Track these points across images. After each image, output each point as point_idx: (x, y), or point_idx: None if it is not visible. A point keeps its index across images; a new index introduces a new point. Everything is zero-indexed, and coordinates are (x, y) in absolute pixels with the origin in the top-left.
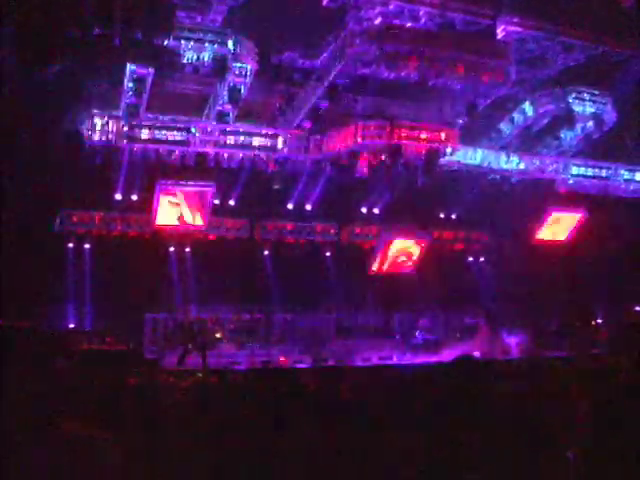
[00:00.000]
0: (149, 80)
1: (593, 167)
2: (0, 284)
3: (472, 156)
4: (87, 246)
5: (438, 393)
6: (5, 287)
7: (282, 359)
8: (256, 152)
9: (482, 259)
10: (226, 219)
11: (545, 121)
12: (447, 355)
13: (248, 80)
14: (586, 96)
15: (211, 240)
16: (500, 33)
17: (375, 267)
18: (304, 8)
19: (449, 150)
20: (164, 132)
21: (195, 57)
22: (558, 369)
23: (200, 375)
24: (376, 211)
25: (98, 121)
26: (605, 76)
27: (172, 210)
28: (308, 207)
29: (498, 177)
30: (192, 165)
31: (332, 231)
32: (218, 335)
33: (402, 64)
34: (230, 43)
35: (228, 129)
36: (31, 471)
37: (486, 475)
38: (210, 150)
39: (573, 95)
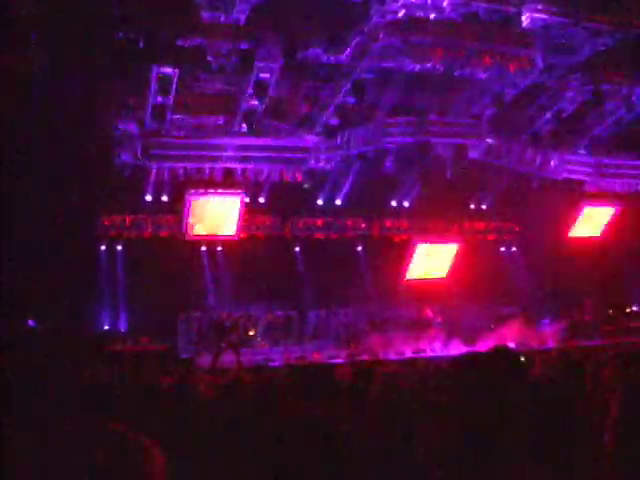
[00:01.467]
0: (174, 80)
1: (623, 167)
2: (35, 288)
3: (499, 151)
4: (119, 248)
5: (473, 384)
6: (39, 290)
7: (316, 355)
8: (283, 166)
9: (514, 249)
10: (256, 217)
11: (574, 106)
12: (481, 346)
13: (274, 75)
14: (615, 79)
15: (242, 238)
16: (525, 21)
17: (409, 275)
18: (327, 3)
19: (478, 145)
20: (192, 151)
21: (220, 54)
22: (593, 357)
23: (235, 373)
24: (406, 204)
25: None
26: (635, 59)
27: (203, 220)
28: (338, 202)
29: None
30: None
31: (362, 225)
32: (251, 333)
33: (427, 56)
34: (255, 40)
35: (255, 144)
36: (73, 472)
37: (520, 464)
38: (237, 166)
39: (602, 78)
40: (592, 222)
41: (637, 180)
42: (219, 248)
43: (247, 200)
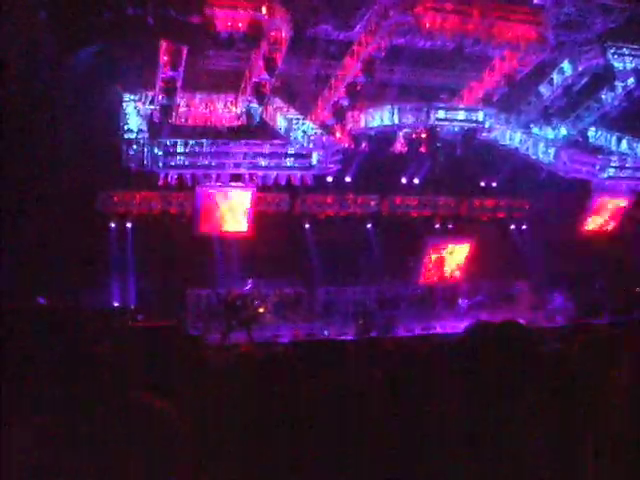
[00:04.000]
0: (184, 53)
1: (630, 168)
2: (44, 265)
3: (510, 137)
4: (129, 225)
5: (482, 355)
6: (49, 267)
7: (325, 332)
8: (291, 172)
9: (524, 227)
10: (266, 193)
11: (584, 80)
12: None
13: (283, 48)
14: (626, 51)
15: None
16: None
17: (422, 278)
18: None
19: (486, 129)
20: (199, 158)
21: (229, 23)
22: (602, 335)
23: (245, 349)
24: (416, 181)
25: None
26: None
27: (213, 217)
28: (348, 179)
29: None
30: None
31: (372, 203)
32: (261, 310)
33: (438, 33)
34: (264, 9)
35: (263, 151)
36: (98, 438)
37: (527, 441)
38: (245, 171)
39: (612, 50)
40: (606, 214)
41: None
42: None
43: None
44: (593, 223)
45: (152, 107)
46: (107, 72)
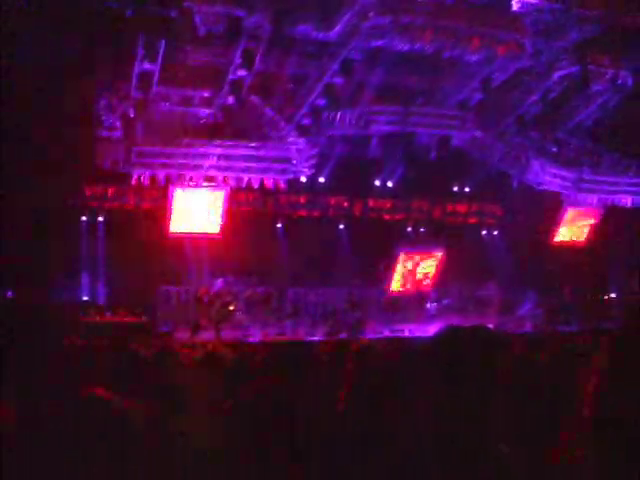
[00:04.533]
0: (162, 47)
1: (602, 182)
2: (15, 258)
3: (484, 144)
4: (100, 219)
5: (451, 360)
6: (19, 261)
7: (295, 334)
8: (264, 175)
9: (496, 232)
10: (239, 192)
11: (560, 88)
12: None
13: (262, 45)
14: (601, 60)
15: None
16: (515, 5)
17: (393, 286)
18: None
19: (461, 135)
20: (173, 159)
21: (208, 18)
22: (569, 342)
23: (214, 347)
24: (390, 184)
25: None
26: (621, 47)
27: (186, 217)
28: (321, 180)
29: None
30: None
31: (345, 204)
32: (231, 308)
33: (417, 36)
34: (243, 5)
35: (237, 153)
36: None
37: (496, 444)
38: (218, 174)
39: (588, 59)
40: (576, 225)
41: (614, 196)
42: None
43: None
44: (563, 235)
45: (127, 102)
46: (83, 64)
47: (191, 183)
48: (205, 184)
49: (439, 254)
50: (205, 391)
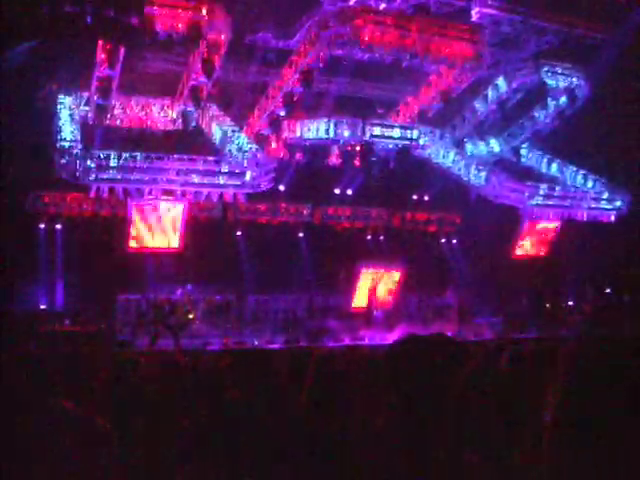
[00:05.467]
0: (122, 52)
1: (559, 197)
2: None
3: (444, 156)
4: (58, 227)
5: (410, 369)
6: None
7: (255, 341)
8: (223, 190)
9: (455, 241)
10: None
11: (518, 97)
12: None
13: (222, 51)
14: (559, 70)
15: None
16: (474, 15)
17: (355, 303)
18: None
19: (420, 146)
20: (132, 173)
21: (168, 23)
22: (526, 350)
23: (173, 355)
24: (349, 192)
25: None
26: (578, 59)
27: (145, 232)
28: (281, 188)
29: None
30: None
31: (305, 212)
32: (190, 316)
33: (376, 46)
34: (204, 10)
35: (195, 167)
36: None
37: (456, 454)
38: (177, 188)
39: (546, 69)
40: (534, 238)
41: (570, 210)
42: None
43: None
44: (522, 248)
45: (87, 108)
46: (42, 70)
47: (149, 197)
48: (164, 198)
49: (399, 272)
50: (164, 399)
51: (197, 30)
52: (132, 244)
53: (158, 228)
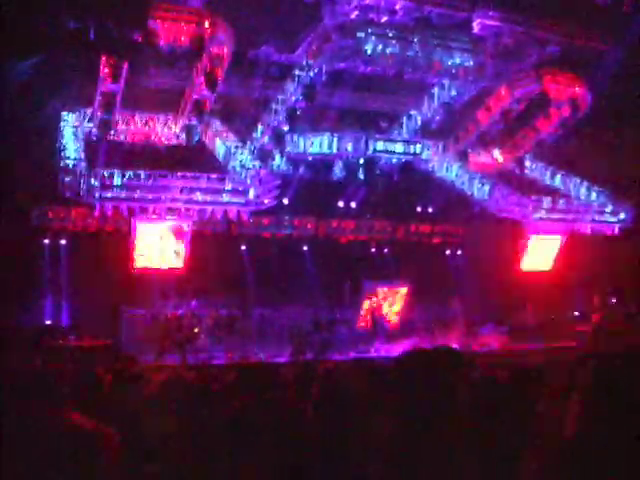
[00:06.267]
0: (125, 67)
1: (563, 211)
2: None
3: (447, 169)
4: (63, 242)
5: (415, 381)
6: None
7: (260, 355)
8: (227, 207)
9: (459, 252)
10: None
11: (521, 107)
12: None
13: (225, 64)
14: (561, 79)
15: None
16: (476, 27)
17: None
18: (281, 1)
19: (424, 160)
20: (136, 192)
21: (172, 37)
22: (533, 361)
23: (178, 370)
24: (353, 205)
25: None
26: (581, 68)
27: (150, 251)
28: (285, 201)
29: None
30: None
31: (309, 225)
32: (196, 330)
33: (379, 58)
34: (207, 23)
35: (199, 186)
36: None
37: (458, 463)
38: (181, 206)
39: (548, 78)
40: (541, 252)
41: (574, 224)
42: None
43: None
44: (528, 263)
45: (90, 125)
46: (45, 86)
47: (153, 216)
48: (168, 217)
49: (405, 289)
50: (170, 414)
51: (200, 44)
52: (137, 264)
53: (162, 248)
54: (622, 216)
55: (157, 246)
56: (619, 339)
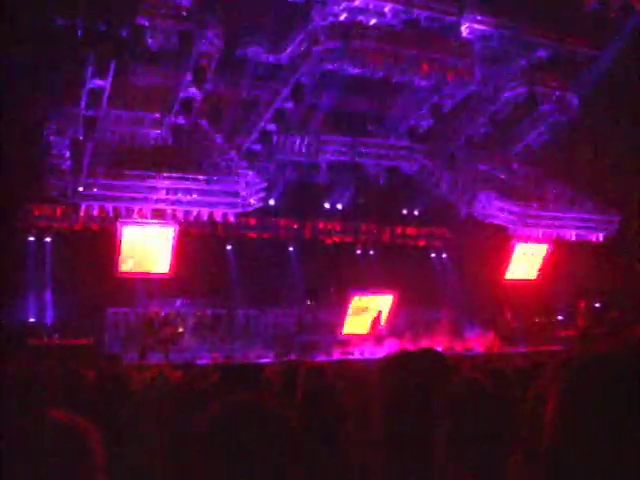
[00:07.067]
0: (113, 64)
1: (547, 218)
2: None
3: (433, 174)
4: (48, 240)
5: (399, 384)
6: None
7: (245, 356)
8: (213, 209)
9: (445, 255)
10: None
11: (508, 110)
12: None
13: (213, 62)
14: (549, 82)
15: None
16: (464, 31)
17: (346, 329)
18: (270, 2)
19: (410, 165)
20: (122, 192)
21: (160, 35)
22: (519, 364)
23: (163, 369)
24: (339, 207)
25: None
26: (568, 72)
27: (135, 255)
28: (271, 202)
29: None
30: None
31: (295, 226)
32: (180, 330)
33: (367, 61)
34: (195, 21)
35: (186, 187)
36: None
37: (442, 465)
38: (167, 207)
39: (536, 81)
40: (526, 260)
41: (559, 230)
42: None
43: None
44: (513, 272)
45: (77, 123)
46: (32, 84)
47: (138, 220)
48: (154, 221)
49: (390, 296)
50: (154, 413)
51: (189, 41)
52: (122, 268)
53: (148, 253)
54: (607, 223)
55: (142, 252)
56: (603, 344)
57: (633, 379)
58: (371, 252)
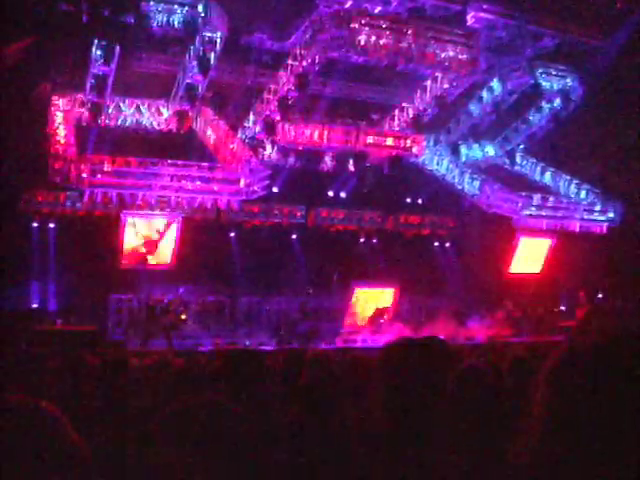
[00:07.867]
0: (117, 49)
1: (552, 208)
2: None
3: (438, 162)
4: (52, 225)
5: (402, 370)
6: None
7: (247, 342)
8: (217, 196)
9: (448, 244)
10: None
11: (513, 98)
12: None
13: (218, 49)
14: (553, 72)
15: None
16: (470, 20)
17: (348, 322)
18: None
19: (414, 154)
20: (126, 179)
21: (165, 20)
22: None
23: (165, 356)
24: (343, 195)
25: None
26: (573, 61)
27: (138, 246)
28: (275, 189)
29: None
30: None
31: (298, 214)
32: (183, 317)
33: (372, 49)
34: (200, 7)
35: (189, 174)
36: None
37: (444, 452)
38: (171, 194)
39: (540, 70)
40: (530, 254)
41: (563, 221)
42: None
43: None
44: (517, 266)
45: (81, 110)
46: (37, 70)
47: (142, 211)
48: (157, 212)
49: (393, 289)
50: (156, 399)
51: (193, 27)
52: (125, 261)
53: (151, 245)
54: (611, 215)
55: (146, 244)
56: (604, 333)
57: (617, 369)
58: (374, 240)
